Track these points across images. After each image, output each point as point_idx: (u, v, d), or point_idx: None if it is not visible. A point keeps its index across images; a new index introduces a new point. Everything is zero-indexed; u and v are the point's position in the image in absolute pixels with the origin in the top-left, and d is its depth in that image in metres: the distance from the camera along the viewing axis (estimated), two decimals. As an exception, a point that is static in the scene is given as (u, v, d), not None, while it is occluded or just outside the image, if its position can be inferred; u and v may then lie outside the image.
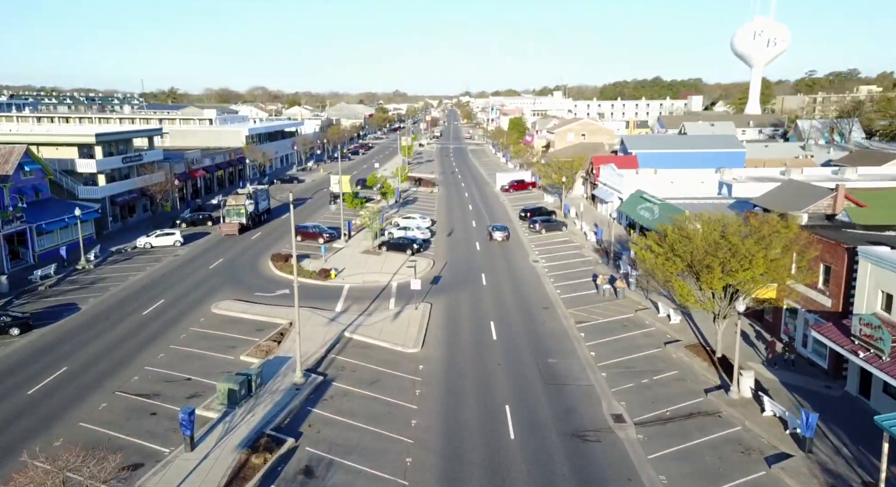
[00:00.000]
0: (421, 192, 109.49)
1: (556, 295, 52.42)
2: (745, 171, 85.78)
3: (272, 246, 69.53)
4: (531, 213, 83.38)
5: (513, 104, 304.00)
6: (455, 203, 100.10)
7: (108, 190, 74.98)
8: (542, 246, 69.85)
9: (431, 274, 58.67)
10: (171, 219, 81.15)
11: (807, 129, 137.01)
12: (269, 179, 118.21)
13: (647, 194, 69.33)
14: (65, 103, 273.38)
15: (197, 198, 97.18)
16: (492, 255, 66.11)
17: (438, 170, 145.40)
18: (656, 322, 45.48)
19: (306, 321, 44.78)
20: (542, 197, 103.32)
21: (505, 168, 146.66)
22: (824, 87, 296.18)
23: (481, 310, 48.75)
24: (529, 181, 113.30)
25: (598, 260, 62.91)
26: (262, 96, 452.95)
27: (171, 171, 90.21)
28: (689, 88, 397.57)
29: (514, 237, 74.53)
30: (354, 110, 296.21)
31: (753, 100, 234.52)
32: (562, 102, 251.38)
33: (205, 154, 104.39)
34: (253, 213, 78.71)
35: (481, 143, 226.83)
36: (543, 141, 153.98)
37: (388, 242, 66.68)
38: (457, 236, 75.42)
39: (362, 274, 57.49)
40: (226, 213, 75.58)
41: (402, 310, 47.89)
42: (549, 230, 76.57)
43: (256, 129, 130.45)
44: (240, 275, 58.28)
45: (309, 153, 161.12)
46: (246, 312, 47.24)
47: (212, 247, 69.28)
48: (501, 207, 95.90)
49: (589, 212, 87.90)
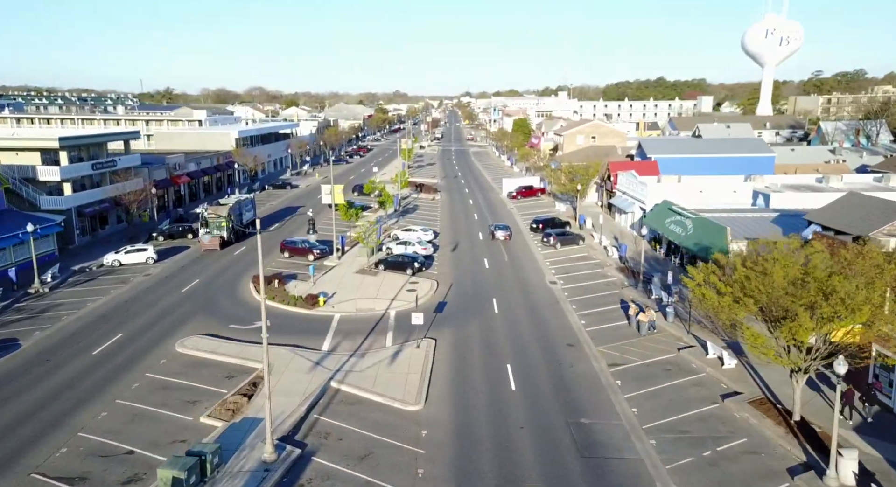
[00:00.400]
0: (422, 199, 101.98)
1: (580, 328, 44.88)
2: (778, 179, 78.40)
3: (256, 263, 61.96)
4: (543, 225, 75.84)
5: (515, 105, 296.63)
6: (459, 211, 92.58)
7: (75, 200, 67.45)
8: (559, 264, 62.33)
9: (435, 299, 51.14)
10: (149, 231, 73.66)
11: (831, 132, 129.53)
12: (260, 185, 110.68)
13: (677, 206, 61.77)
14: (55, 103, 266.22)
15: (179, 207, 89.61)
16: (503, 274, 58.58)
17: (440, 174, 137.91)
18: (706, 365, 37.93)
19: (285, 365, 37.25)
20: (552, 204, 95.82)
21: (511, 172, 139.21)
22: (833, 88, 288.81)
23: (495, 349, 41.21)
24: (538, 187, 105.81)
25: (624, 283, 55.37)
26: (259, 97, 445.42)
27: (150, 178, 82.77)
28: (692, 89, 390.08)
29: (526, 253, 67.03)
30: (353, 111, 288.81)
31: (765, 101, 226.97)
32: (567, 103, 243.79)
33: (189, 158, 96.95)
34: (236, 226, 71.27)
35: (484, 145, 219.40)
36: (550, 143, 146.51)
37: (385, 260, 59.16)
38: (462, 251, 67.90)
39: (355, 300, 49.94)
40: (205, 226, 68.15)
41: (401, 349, 40.36)
42: (564, 244, 69.04)
43: (248, 132, 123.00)
44: (215, 301, 50.73)
45: (305, 156, 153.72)
46: (215, 352, 39.68)
47: (189, 265, 61.76)
48: (509, 217, 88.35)
49: (606, 222, 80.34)
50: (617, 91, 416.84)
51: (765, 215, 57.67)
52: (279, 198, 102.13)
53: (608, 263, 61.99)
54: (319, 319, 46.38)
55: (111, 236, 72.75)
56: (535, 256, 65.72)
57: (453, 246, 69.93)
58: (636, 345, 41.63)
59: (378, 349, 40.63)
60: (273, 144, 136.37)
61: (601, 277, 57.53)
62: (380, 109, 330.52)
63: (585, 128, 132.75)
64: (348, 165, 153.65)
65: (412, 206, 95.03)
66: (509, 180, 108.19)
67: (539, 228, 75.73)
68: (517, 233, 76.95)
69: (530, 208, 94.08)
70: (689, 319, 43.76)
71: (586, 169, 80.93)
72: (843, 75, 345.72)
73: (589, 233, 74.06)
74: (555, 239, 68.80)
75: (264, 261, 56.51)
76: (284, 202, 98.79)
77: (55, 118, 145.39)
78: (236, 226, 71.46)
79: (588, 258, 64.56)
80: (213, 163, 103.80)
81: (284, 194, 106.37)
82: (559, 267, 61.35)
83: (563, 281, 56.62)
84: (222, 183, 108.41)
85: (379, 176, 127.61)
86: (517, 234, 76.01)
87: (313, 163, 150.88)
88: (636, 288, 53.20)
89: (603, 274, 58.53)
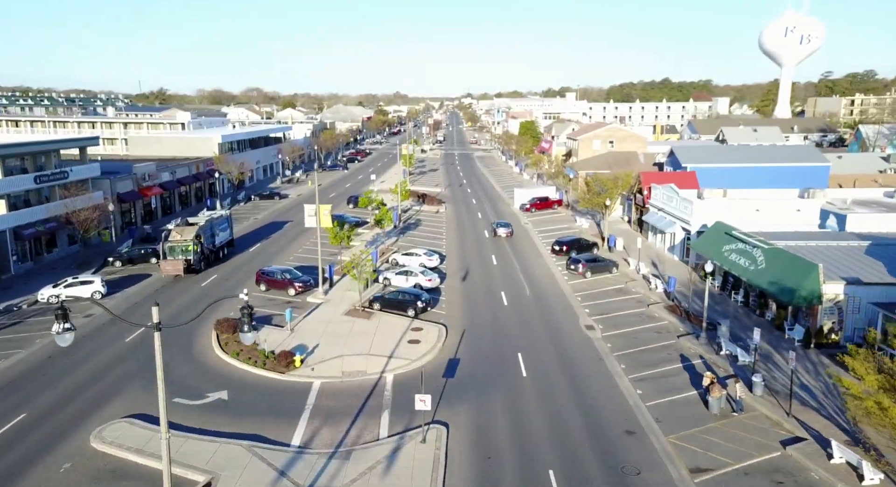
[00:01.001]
0: (425, 213, 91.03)
1: (637, 402, 33.90)
2: (838, 192, 67.52)
3: (225, 298, 51.02)
4: (568, 247, 64.85)
5: (520, 106, 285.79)
6: (467, 227, 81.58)
7: (10, 220, 56.54)
8: (592, 300, 51.35)
9: (443, 355, 40.16)
10: (106, 255, 62.75)
11: (872, 136, 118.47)
12: (245, 195, 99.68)
13: (738, 231, 50.71)
14: (41, 105, 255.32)
15: (147, 224, 78.57)
16: (526, 316, 47.59)
17: (444, 181, 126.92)
18: (834, 478, 26.87)
19: (235, 478, 26.27)
20: (571, 219, 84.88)
21: (520, 180, 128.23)
22: (847, 89, 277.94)
23: (529, 443, 30.17)
24: (554, 198, 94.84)
25: (679, 328, 44.42)
26: (256, 97, 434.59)
27: (113, 191, 71.90)
28: (699, 90, 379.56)
29: (551, 283, 56.06)
30: (352, 112, 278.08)
31: (783, 103, 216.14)
32: (575, 105, 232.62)
33: (163, 166, 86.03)
34: (208, 249, 60.41)
35: (488, 149, 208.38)
36: (563, 148, 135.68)
37: (382, 297, 48.14)
38: (474, 280, 56.94)
39: (342, 358, 38.94)
40: (168, 251, 57.34)
41: (400, 445, 29.35)
42: (595, 272, 58.07)
43: (233, 136, 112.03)
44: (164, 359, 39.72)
45: (298, 161, 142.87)
46: (142, 453, 28.63)
47: (144, 301, 50.81)
48: (525, 235, 77.37)
49: (636, 241, 69.37)
50: (622, 92, 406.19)
51: (851, 244, 46.64)
52: (265, 211, 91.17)
53: (652, 298, 51.00)
54: (293, 389, 35.37)
55: (59, 262, 61.87)
56: (561, 288, 54.71)
57: (463, 274, 58.96)
58: (720, 434, 30.61)
59: (369, 444, 29.58)
60: (262, 149, 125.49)
61: (648, 319, 46.56)
62: (379, 111, 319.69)
63: (602, 131, 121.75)
64: (344, 172, 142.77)
65: (414, 221, 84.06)
66: (522, 191, 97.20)
67: (563, 251, 64.76)
68: (536, 256, 66.00)
69: (548, 224, 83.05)
70: (790, 395, 32.74)
71: (614, 180, 70.06)
72: (853, 76, 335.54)
73: (622, 258, 63.11)
74: (584, 266, 57.77)
75: (234, 293, 44.96)
76: (271, 215, 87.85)
77: (25, 120, 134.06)
78: (207, 249, 60.67)
79: (626, 291, 53.57)
80: (191, 171, 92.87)
81: (272, 206, 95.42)
82: (593, 304, 50.35)
83: (602, 325, 45.64)
84: (203, 193, 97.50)
85: (377, 184, 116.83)
86: (537, 258, 65.07)
87: (307, 169, 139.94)
88: (697, 337, 42.17)
89: (649, 315, 47.55)
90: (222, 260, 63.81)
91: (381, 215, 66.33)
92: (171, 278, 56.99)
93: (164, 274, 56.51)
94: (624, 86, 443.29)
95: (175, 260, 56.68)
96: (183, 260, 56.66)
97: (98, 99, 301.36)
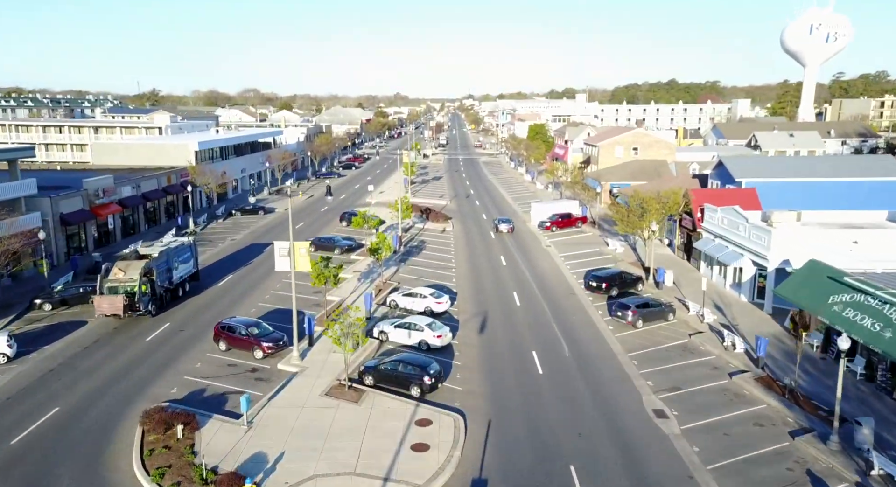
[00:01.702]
0: (429, 232, 78.76)
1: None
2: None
3: (172, 363, 38.75)
4: (607, 284, 52.45)
5: (526, 108, 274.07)
6: (479, 251, 69.25)
7: None
8: (653, 365, 39.02)
9: (464, 470, 27.78)
10: (34, 294, 50.46)
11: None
12: (225, 210, 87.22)
13: (854, 277, 38.27)
14: (25, 106, 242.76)
15: (100, 249, 66.16)
16: (573, 395, 35.22)
17: (449, 191, 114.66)
18: None
19: None
20: (600, 240, 72.68)
21: (532, 189, 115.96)
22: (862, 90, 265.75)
23: None
24: (578, 215, 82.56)
25: (787, 418, 32.10)
26: (253, 98, 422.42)
27: (55, 211, 59.71)
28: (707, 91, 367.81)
29: (593, 334, 43.75)
30: (350, 114, 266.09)
31: (807, 104, 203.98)
32: (586, 107, 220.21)
33: (123, 178, 73.75)
34: (162, 287, 48.23)
35: (494, 154, 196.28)
36: (579, 155, 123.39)
37: (375, 368, 35.76)
38: (495, 334, 44.61)
39: (314, 481, 26.58)
40: (107, 290, 45.29)
41: None
42: (647, 320, 45.78)
43: (214, 142, 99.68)
44: (52, 480, 27.37)
45: (290, 169, 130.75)
46: None
47: (66, 367, 38.42)
48: (549, 263, 65.13)
49: (686, 275, 57.14)
50: (627, 94, 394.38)
51: None
52: (245, 230, 78.82)
53: (732, 363, 38.71)
54: (237, 549, 23.06)
55: (-27, 304, 49.50)
56: (609, 346, 42.35)
57: (480, 322, 46.66)
58: None
59: None
60: (249, 156, 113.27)
61: (737, 400, 34.23)
62: (379, 113, 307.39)
63: (626, 137, 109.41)
64: (340, 179, 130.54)
65: (417, 243, 71.77)
66: (540, 205, 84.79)
67: (602, 288, 52.35)
68: (568, 293, 53.73)
69: (574, 247, 70.70)
70: None
71: (659, 198, 57.71)
72: (866, 77, 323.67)
73: (674, 297, 50.78)
74: (634, 313, 45.37)
75: (186, 358, 32.69)
76: (251, 236, 75.51)
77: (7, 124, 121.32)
78: (162, 287, 48.48)
79: (694, 350, 41.26)
80: (160, 183, 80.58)
81: (254, 223, 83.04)
82: (656, 372, 38.02)
83: (676, 409, 33.34)
84: (176, 209, 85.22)
85: (376, 195, 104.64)
86: (569, 297, 52.81)
87: (299, 177, 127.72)
88: (826, 441, 29.70)
89: (737, 393, 35.21)
90: (182, 297, 51.62)
91: (378, 242, 53.97)
92: (110, 326, 44.78)
93: (99, 313, 44.47)
94: (629, 88, 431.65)
95: (113, 297, 44.62)
96: (122, 296, 44.59)
97: (86, 100, 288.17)
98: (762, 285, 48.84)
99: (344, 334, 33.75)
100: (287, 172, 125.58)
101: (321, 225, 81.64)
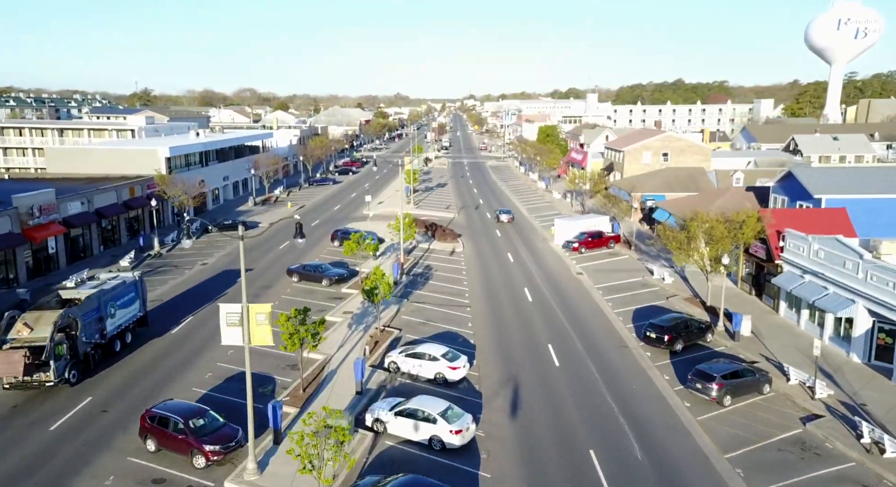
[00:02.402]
0: (436, 254, 66.78)
1: None
2: None
3: (73, 475, 26.66)
4: (670, 336, 40.36)
5: (532, 108, 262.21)
6: (498, 282, 57.12)
7: None
8: (761, 472, 26.98)
9: None
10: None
11: None
12: (197, 228, 75.02)
13: None
14: (6, 105, 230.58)
15: (31, 281, 54.01)
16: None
17: (456, 201, 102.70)
18: None
19: None
20: (639, 266, 60.70)
21: (549, 199, 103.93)
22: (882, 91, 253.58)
23: None
24: (610, 233, 70.55)
25: None
26: (249, 98, 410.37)
27: (-30, 237, 47.67)
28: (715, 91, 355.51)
29: (670, 429, 31.62)
30: (349, 115, 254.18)
31: (833, 105, 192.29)
32: (599, 107, 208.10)
33: (70, 192, 61.70)
34: (90, 344, 36.42)
35: (501, 157, 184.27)
36: (600, 160, 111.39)
37: (368, 497, 23.77)
38: (534, 419, 32.57)
39: None
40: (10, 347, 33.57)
41: None
42: (737, 395, 33.76)
43: (189, 148, 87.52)
44: None
45: (281, 175, 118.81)
46: None
47: (-83, 481, 26.41)
48: (586, 300, 53.09)
49: (762, 316, 45.05)
50: (632, 94, 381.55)
51: None
52: (221, 251, 66.79)
53: (883, 476, 26.69)
54: None
55: None
56: (691, 435, 30.32)
57: (511, 397, 34.60)
58: None
59: None
60: (232, 162, 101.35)
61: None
62: (379, 113, 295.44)
63: (654, 141, 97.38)
64: (335, 186, 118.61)
65: (422, 271, 59.76)
66: (565, 222, 72.63)
67: (664, 341, 40.33)
68: (618, 345, 41.66)
69: (610, 275, 58.59)
70: None
71: (728, 226, 45.59)
72: (879, 77, 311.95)
73: (759, 355, 38.72)
74: (720, 386, 33.28)
75: (97, 458, 20.05)
76: (226, 258, 63.50)
77: None
78: (89, 344, 36.66)
79: (818, 451, 29.20)
80: (120, 197, 68.59)
81: (232, 242, 70.88)
82: None
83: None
84: (140, 225, 73.22)
85: (374, 206, 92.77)
86: (620, 349, 40.75)
87: (289, 184, 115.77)
88: None
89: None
90: (120, 352, 39.69)
91: (375, 280, 41.82)
92: (6, 404, 32.86)
93: (-6, 377, 32.81)
94: (634, 88, 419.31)
95: (10, 353, 32.88)
96: (24, 351, 32.91)
97: (73, 99, 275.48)
98: (883, 343, 36.87)
99: (315, 453, 21.73)
100: (277, 179, 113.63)
101: (308, 245, 69.57)
